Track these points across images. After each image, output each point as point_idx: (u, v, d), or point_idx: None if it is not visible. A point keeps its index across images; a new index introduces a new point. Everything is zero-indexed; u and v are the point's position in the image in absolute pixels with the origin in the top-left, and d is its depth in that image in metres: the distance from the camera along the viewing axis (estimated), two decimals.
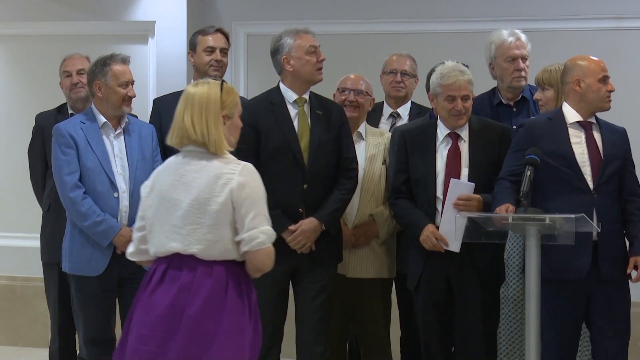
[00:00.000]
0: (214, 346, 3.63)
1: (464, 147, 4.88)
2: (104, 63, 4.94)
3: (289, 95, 4.96)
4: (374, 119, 5.65)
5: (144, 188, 3.88)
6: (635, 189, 4.74)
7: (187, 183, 3.73)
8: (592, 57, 4.74)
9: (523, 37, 5.56)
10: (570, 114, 4.69)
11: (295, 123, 4.92)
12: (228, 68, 5.65)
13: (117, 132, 4.99)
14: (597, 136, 4.68)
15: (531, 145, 4.57)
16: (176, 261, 3.73)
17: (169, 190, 3.76)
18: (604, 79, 4.66)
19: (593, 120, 4.70)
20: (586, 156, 4.62)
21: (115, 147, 4.98)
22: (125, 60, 5.00)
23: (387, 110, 5.79)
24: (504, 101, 5.57)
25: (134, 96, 5.02)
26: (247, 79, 7.35)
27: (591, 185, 4.58)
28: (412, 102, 5.82)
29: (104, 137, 4.97)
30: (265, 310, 4.77)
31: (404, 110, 5.78)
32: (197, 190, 3.71)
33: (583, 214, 4.24)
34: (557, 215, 4.29)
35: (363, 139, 5.31)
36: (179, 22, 7.11)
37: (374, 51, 6.79)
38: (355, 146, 5.17)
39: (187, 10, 7.12)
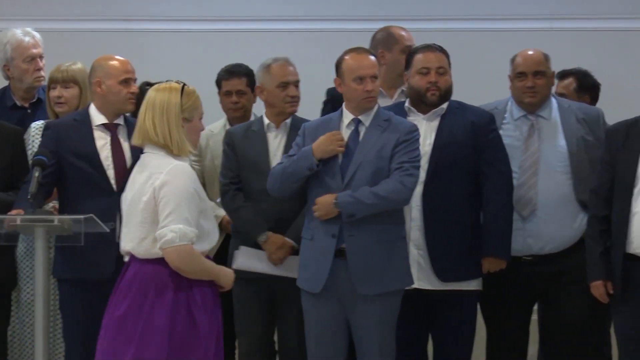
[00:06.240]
0: (129, 350, 3.78)
1: None
2: None
3: None
4: None
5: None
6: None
7: (132, 183, 3.97)
8: (117, 57, 4.81)
9: (37, 35, 5.55)
10: (96, 116, 4.77)
11: None
12: None
13: None
14: (122, 139, 4.76)
15: (59, 147, 4.64)
16: (127, 260, 3.95)
17: (126, 191, 4.01)
18: (126, 81, 4.75)
19: (121, 122, 4.80)
20: (110, 159, 4.71)
21: None
22: None
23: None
24: (18, 103, 5.52)
25: None
26: None
27: (115, 188, 4.66)
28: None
29: None
30: None
31: None
32: (134, 190, 3.92)
33: (92, 215, 4.30)
34: (66, 217, 4.34)
35: None
36: None
37: None
38: None
39: None
